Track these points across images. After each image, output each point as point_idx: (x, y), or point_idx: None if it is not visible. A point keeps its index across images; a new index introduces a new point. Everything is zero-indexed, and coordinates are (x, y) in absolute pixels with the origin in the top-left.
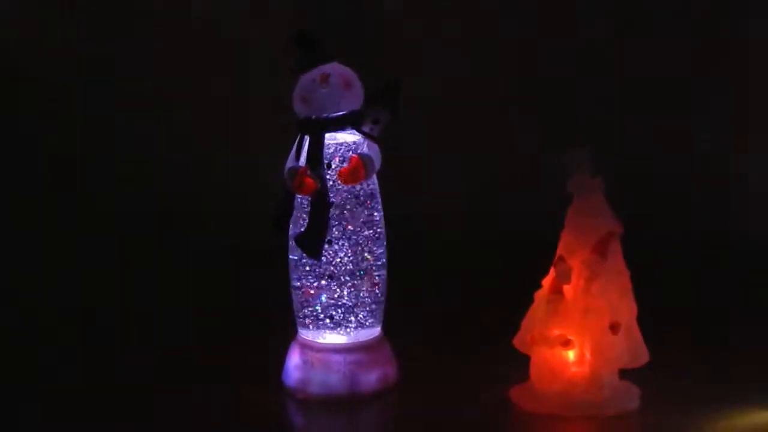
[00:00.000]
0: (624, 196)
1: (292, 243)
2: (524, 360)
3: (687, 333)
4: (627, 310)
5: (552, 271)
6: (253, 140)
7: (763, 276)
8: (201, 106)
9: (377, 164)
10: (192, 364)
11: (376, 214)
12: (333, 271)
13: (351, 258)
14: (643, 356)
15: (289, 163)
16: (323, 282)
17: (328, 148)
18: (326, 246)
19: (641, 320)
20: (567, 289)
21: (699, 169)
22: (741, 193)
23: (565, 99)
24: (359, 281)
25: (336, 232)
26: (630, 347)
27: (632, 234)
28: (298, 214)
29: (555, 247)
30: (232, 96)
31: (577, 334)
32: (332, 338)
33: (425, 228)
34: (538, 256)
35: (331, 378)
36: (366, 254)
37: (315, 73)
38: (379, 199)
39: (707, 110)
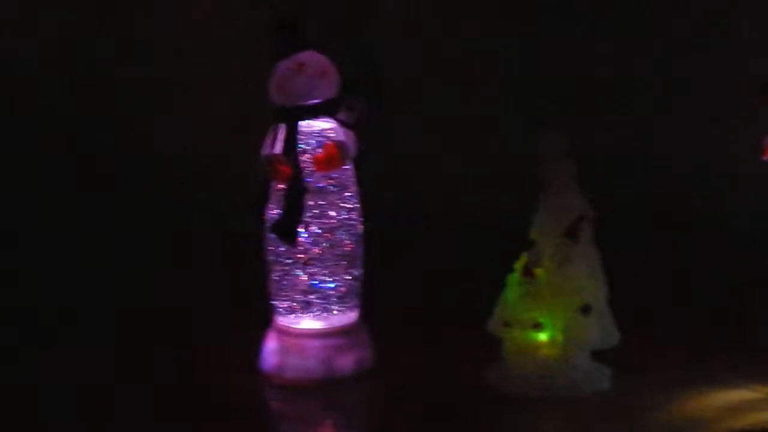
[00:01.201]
0: (595, 181)
1: (269, 229)
2: (498, 343)
3: (657, 314)
4: (598, 292)
5: (524, 255)
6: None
7: (731, 258)
8: (181, 95)
9: (352, 151)
10: (170, 351)
11: (352, 200)
12: (309, 257)
13: (327, 244)
14: (614, 337)
15: (265, 150)
16: (300, 268)
17: (303, 136)
18: (302, 232)
19: (612, 302)
20: (539, 272)
21: (667, 154)
22: (712, 178)
23: (545, 89)
24: (336, 267)
25: (312, 219)
26: (601, 329)
27: (602, 217)
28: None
29: (527, 232)
30: (207, 84)
31: (549, 317)
32: (309, 323)
33: (402, 214)
34: (511, 241)
35: (308, 362)
36: (342, 240)
37: (291, 61)
38: (355, 186)
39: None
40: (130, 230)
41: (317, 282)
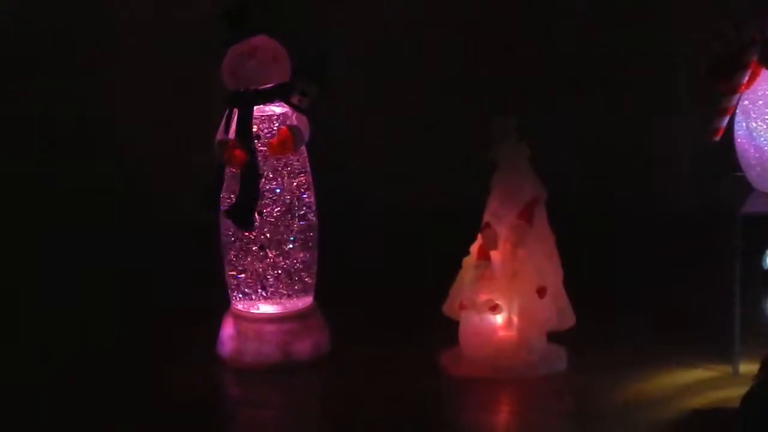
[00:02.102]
0: (549, 164)
1: (224, 214)
2: (454, 326)
3: (612, 296)
4: (553, 274)
5: (479, 238)
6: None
7: (680, 244)
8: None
9: (306, 136)
10: (128, 338)
11: (306, 184)
12: (265, 242)
13: (282, 229)
14: (570, 319)
15: (219, 136)
16: (255, 252)
17: (257, 120)
18: (257, 217)
19: (567, 284)
20: (494, 254)
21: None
22: (659, 166)
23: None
24: (291, 251)
25: (266, 204)
26: (557, 310)
27: (557, 200)
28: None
29: (482, 215)
30: (157, 72)
31: (505, 299)
32: (265, 308)
33: (357, 199)
34: (468, 225)
35: (265, 347)
36: (297, 224)
37: (243, 46)
38: (309, 170)
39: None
40: (89, 225)
41: (273, 266)
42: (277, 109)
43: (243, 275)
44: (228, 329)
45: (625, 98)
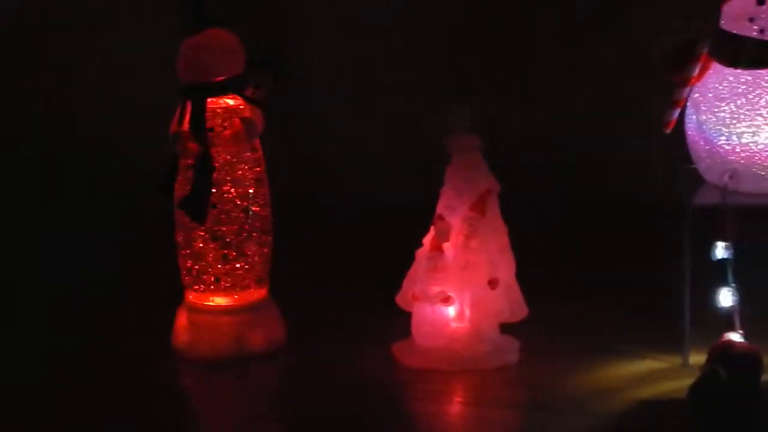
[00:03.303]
0: (503, 156)
1: (177, 206)
2: (407, 317)
3: (564, 288)
4: (506, 265)
5: (432, 230)
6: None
7: (634, 233)
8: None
9: (260, 128)
10: (80, 328)
11: (260, 175)
12: (219, 233)
13: (236, 220)
14: (523, 310)
15: (173, 128)
16: (210, 244)
17: (210, 113)
18: (210, 209)
19: (519, 275)
20: (447, 246)
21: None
22: (616, 153)
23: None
24: (245, 243)
25: (220, 195)
26: (509, 302)
27: (509, 192)
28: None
29: (435, 206)
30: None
31: (457, 291)
32: (219, 300)
33: (311, 190)
34: (420, 216)
35: (219, 339)
36: (251, 215)
37: (197, 38)
38: (263, 161)
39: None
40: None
41: (227, 257)
42: (231, 101)
43: (197, 267)
44: (182, 321)
45: (582, 88)
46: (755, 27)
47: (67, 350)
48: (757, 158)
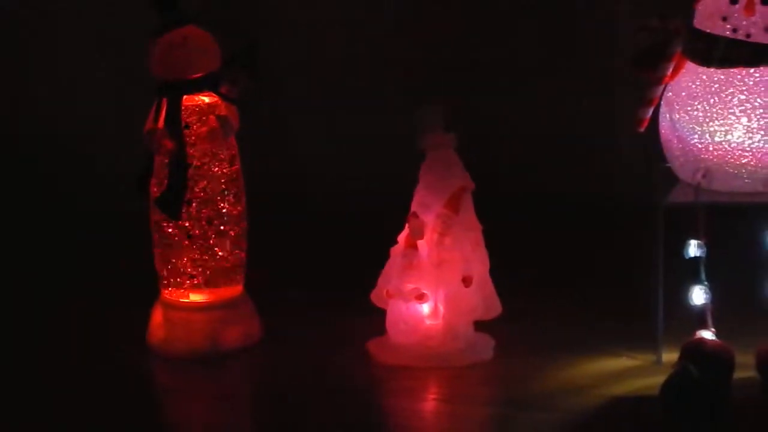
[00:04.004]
0: (475, 153)
1: (153, 203)
2: (382, 314)
3: (538, 285)
4: (479, 263)
5: (407, 227)
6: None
7: (607, 231)
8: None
9: (235, 125)
10: (54, 325)
11: (235, 173)
12: (193, 230)
13: (211, 217)
14: (497, 308)
15: (148, 125)
16: (185, 241)
17: (186, 110)
18: (186, 206)
19: (493, 273)
20: (421, 244)
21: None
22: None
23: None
24: (220, 240)
25: (195, 193)
26: (483, 299)
27: (483, 189)
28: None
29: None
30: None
31: (432, 288)
32: (194, 296)
33: (286, 187)
34: (397, 214)
35: (194, 336)
36: (226, 212)
37: (172, 36)
38: (238, 159)
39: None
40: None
41: (202, 254)
42: (206, 98)
43: (172, 264)
44: (157, 318)
45: (559, 85)
46: (728, 26)
47: (42, 348)
48: (729, 157)
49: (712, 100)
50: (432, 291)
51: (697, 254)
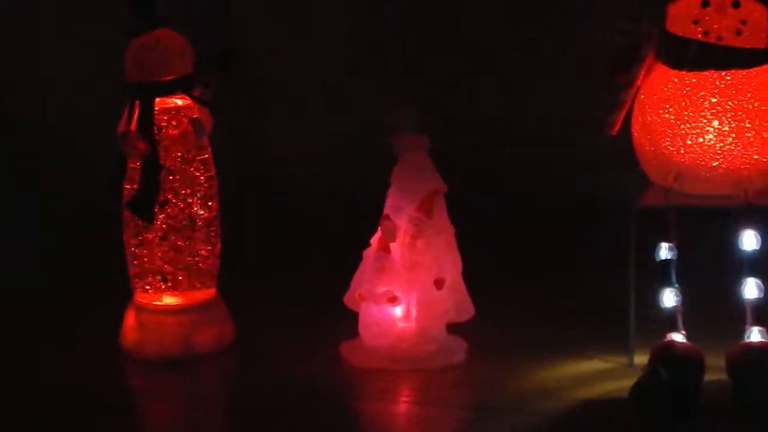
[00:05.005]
0: (448, 157)
1: (125, 206)
2: (354, 317)
3: (511, 288)
4: (452, 266)
5: (379, 230)
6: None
7: (580, 233)
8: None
9: (208, 128)
10: (26, 327)
11: (208, 174)
12: (166, 232)
13: (184, 219)
14: (469, 311)
15: (121, 128)
16: (158, 243)
17: (159, 113)
18: (158, 208)
19: (466, 276)
20: (393, 246)
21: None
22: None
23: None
24: (193, 242)
25: (168, 194)
26: (456, 302)
27: (457, 192)
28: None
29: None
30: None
31: (404, 290)
32: (167, 299)
33: (260, 189)
34: (370, 216)
35: (167, 339)
36: (199, 215)
37: (146, 38)
38: (211, 160)
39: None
40: None
41: (175, 257)
42: (179, 101)
43: (145, 267)
44: (130, 321)
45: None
46: (700, 29)
47: (14, 349)
48: (701, 160)
49: (683, 103)
50: (404, 294)
51: (668, 257)
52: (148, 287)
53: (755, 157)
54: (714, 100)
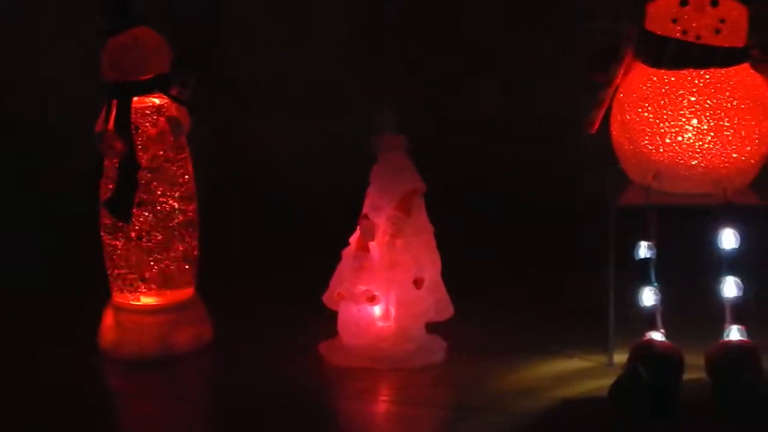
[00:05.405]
0: (429, 156)
1: (102, 206)
2: (333, 316)
3: (490, 287)
4: (431, 265)
5: (358, 229)
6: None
7: (560, 232)
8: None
9: (186, 127)
10: (4, 327)
11: (186, 174)
12: (144, 232)
13: (162, 218)
14: (448, 310)
15: (98, 127)
16: (135, 243)
17: (136, 112)
18: (136, 208)
19: (445, 275)
20: (372, 245)
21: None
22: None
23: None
24: (171, 241)
25: (145, 194)
26: (435, 301)
27: (436, 191)
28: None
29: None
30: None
31: (383, 290)
32: (145, 299)
33: (239, 189)
34: (349, 215)
35: (145, 339)
36: (177, 214)
37: (123, 37)
38: (189, 159)
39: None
40: None
41: (154, 256)
42: (156, 100)
43: (122, 266)
44: (108, 321)
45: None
46: (678, 28)
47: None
48: (680, 158)
49: (662, 102)
50: (383, 293)
51: (647, 255)
52: (125, 287)
53: (734, 155)
54: (693, 98)
